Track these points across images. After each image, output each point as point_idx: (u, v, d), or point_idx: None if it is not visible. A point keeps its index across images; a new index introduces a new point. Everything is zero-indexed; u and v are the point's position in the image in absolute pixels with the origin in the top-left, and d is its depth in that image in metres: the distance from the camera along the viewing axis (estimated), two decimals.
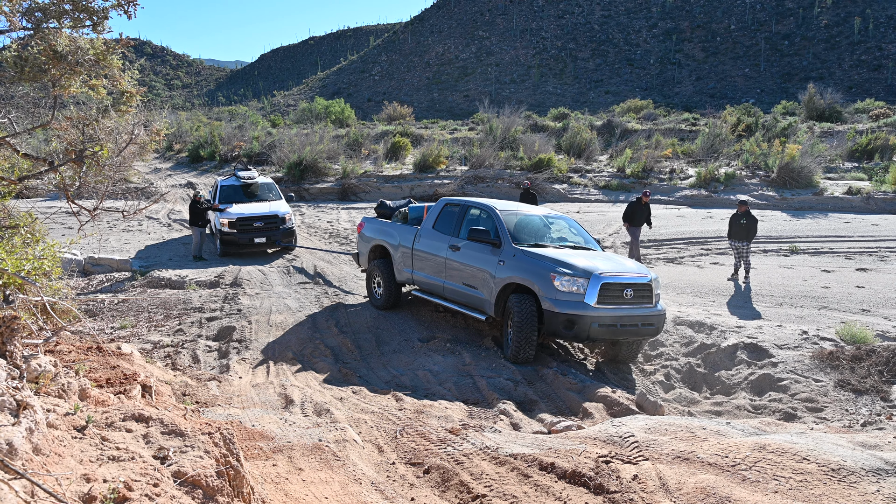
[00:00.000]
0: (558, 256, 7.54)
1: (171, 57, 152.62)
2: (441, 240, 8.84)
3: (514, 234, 8.12)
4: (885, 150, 24.75)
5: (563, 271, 7.20)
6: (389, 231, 9.92)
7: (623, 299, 7.28)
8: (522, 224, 8.43)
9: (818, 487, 3.63)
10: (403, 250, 9.44)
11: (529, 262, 7.55)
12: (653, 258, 13.02)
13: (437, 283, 8.92)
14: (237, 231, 13.99)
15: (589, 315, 7.04)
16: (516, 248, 7.81)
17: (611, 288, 7.19)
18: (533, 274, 7.39)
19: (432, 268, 8.94)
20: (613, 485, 3.95)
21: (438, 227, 9.02)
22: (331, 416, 5.82)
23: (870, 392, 6.46)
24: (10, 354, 3.30)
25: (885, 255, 12.29)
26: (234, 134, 32.36)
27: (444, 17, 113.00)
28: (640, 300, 7.41)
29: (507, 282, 7.67)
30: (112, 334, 8.79)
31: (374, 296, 10.11)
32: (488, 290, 7.96)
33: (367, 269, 10.36)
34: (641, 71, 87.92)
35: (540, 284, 7.26)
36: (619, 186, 22.94)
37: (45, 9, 4.13)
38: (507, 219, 8.32)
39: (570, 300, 7.11)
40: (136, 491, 2.64)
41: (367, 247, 10.25)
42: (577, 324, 7.05)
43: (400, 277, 9.60)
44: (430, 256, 8.97)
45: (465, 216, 8.74)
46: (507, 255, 7.78)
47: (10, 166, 5.02)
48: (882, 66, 72.78)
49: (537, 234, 8.42)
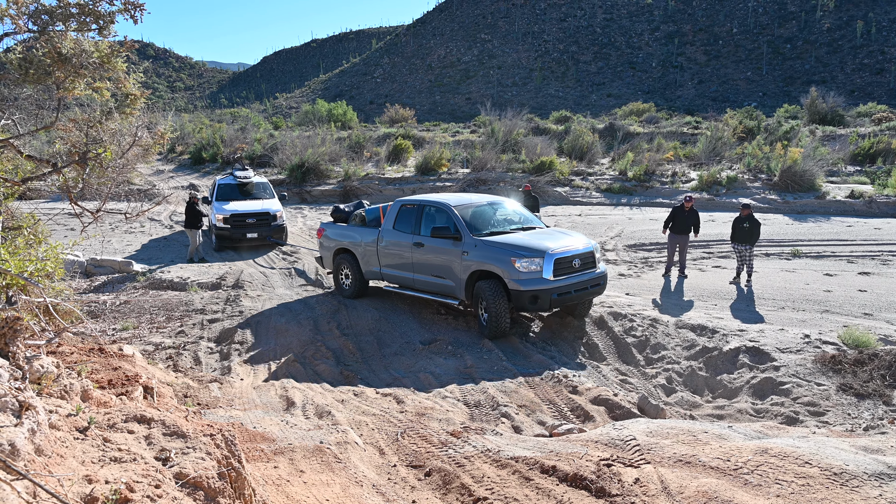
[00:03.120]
0: (514, 241, 8.57)
1: (174, 59, 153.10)
2: (403, 238, 9.68)
3: (470, 225, 8.99)
4: (888, 153, 24.70)
5: (522, 254, 8.22)
6: (350, 234, 10.72)
7: (573, 269, 8.48)
8: (476, 215, 9.29)
9: (820, 492, 3.62)
10: (368, 250, 10.30)
11: (491, 250, 8.52)
12: (654, 261, 13.01)
13: (406, 276, 9.78)
14: (231, 226, 14.79)
15: (548, 288, 8.17)
16: (476, 238, 8.75)
17: (562, 262, 8.35)
18: (497, 260, 8.38)
19: (400, 264, 9.80)
20: (615, 488, 3.94)
21: (398, 227, 9.85)
22: (332, 418, 5.82)
23: (872, 396, 6.44)
24: (12, 355, 3.31)
25: (888, 259, 12.26)
26: (236, 136, 32.42)
27: (446, 19, 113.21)
28: (586, 267, 8.67)
29: (474, 269, 8.63)
30: (114, 336, 8.80)
31: (343, 287, 10.93)
32: (457, 279, 8.91)
33: (331, 269, 11.18)
34: (643, 74, 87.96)
35: (505, 269, 8.27)
36: (620, 189, 22.92)
37: (51, 11, 4.15)
38: (462, 213, 9.15)
39: (531, 278, 8.17)
40: (138, 492, 2.64)
41: (330, 249, 11.07)
42: (540, 297, 8.15)
43: (368, 274, 10.49)
44: (395, 254, 9.83)
45: (422, 215, 9.54)
46: (469, 246, 8.73)
47: (14, 168, 5.04)
48: (885, 69, 72.72)
49: (489, 221, 9.34)
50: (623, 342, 8.64)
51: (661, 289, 10.83)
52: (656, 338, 8.53)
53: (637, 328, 8.84)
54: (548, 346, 8.66)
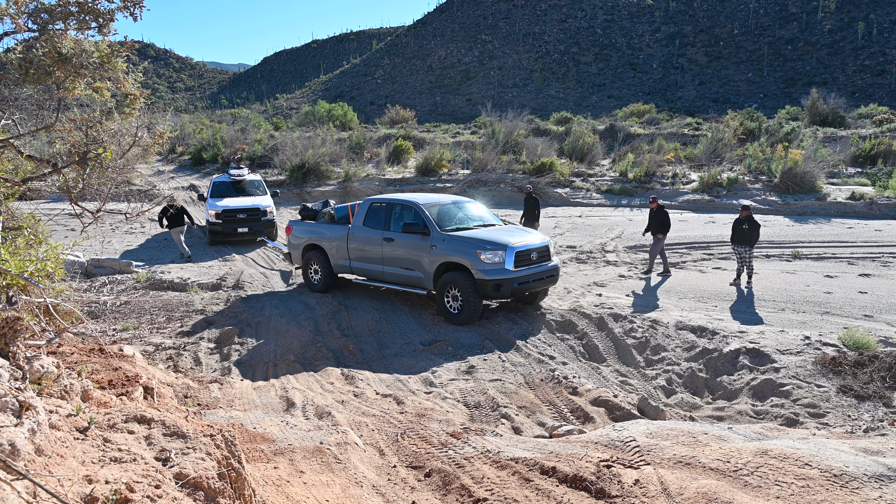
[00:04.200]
0: (479, 236, 9.48)
1: (174, 59, 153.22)
2: (374, 234, 10.36)
3: (437, 222, 9.79)
4: (889, 155, 24.68)
5: (487, 247, 9.10)
6: (320, 231, 11.25)
7: (531, 261, 9.46)
8: (442, 213, 10.12)
9: (820, 493, 3.61)
10: (338, 246, 10.87)
11: (459, 244, 9.37)
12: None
13: (376, 269, 10.47)
14: (223, 221, 15.53)
15: (510, 277, 9.10)
16: (443, 233, 9.59)
17: (522, 254, 9.30)
18: (464, 253, 9.24)
19: (370, 258, 10.47)
20: (615, 489, 3.94)
21: (368, 224, 10.49)
22: (332, 418, 5.81)
23: (872, 398, 6.44)
24: (12, 355, 3.31)
25: (888, 261, 12.25)
26: (236, 137, 32.42)
27: (446, 20, 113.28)
28: (542, 259, 9.68)
29: (442, 261, 9.46)
30: (114, 336, 8.80)
31: (312, 282, 11.41)
32: (425, 271, 9.71)
33: (300, 264, 11.67)
34: (644, 75, 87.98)
35: (471, 260, 9.14)
36: (621, 191, 22.92)
37: (51, 10, 4.15)
38: (430, 211, 9.96)
39: (495, 269, 9.07)
40: (138, 492, 2.64)
41: (298, 246, 11.55)
42: (503, 286, 9.08)
43: (338, 269, 11.04)
44: (366, 248, 10.49)
45: (391, 212, 10.28)
46: (437, 241, 9.55)
47: (14, 168, 5.04)
48: (886, 71, 72.72)
49: (454, 218, 10.18)
50: (623, 343, 8.64)
51: (661, 291, 10.83)
52: (656, 339, 8.53)
53: (637, 329, 8.84)
54: (547, 348, 8.65)
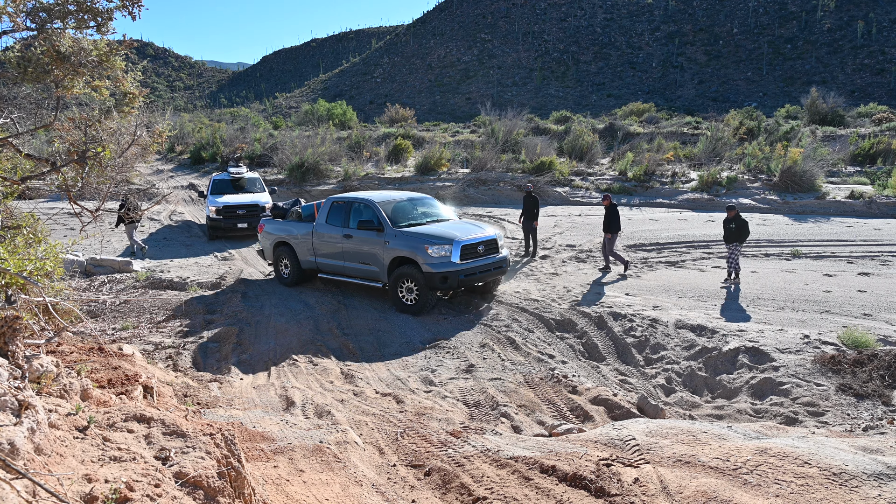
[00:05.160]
0: (428, 231, 10.00)
1: (173, 58, 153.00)
2: (335, 231, 10.94)
3: (391, 218, 10.36)
4: (888, 154, 24.68)
5: (434, 242, 9.66)
6: (288, 228, 11.82)
7: (478, 253, 9.97)
8: (397, 210, 10.65)
9: (819, 492, 3.62)
10: (304, 242, 11.43)
11: (409, 239, 9.91)
12: (654, 261, 13.01)
13: (338, 264, 11.03)
14: (223, 217, 16.19)
15: (456, 270, 9.61)
16: (396, 229, 10.13)
17: (468, 248, 9.81)
18: (413, 248, 9.77)
19: (332, 254, 11.06)
20: (614, 488, 3.94)
21: (330, 221, 11.06)
22: (332, 417, 5.81)
23: (871, 396, 6.44)
24: (12, 354, 3.31)
25: (888, 260, 12.26)
26: (235, 136, 32.40)
27: (446, 19, 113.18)
28: (490, 252, 10.17)
29: (395, 256, 10.02)
30: (114, 335, 8.79)
31: (283, 276, 11.97)
32: (380, 265, 10.29)
33: (272, 260, 12.25)
34: (644, 74, 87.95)
35: (420, 254, 9.68)
36: (620, 190, 22.92)
37: (49, 9, 4.14)
38: (385, 208, 10.50)
39: (442, 262, 9.60)
40: (138, 491, 2.64)
41: (270, 243, 12.14)
42: (449, 278, 9.60)
43: (304, 264, 11.58)
44: (328, 244, 11.08)
45: (350, 210, 10.83)
46: (390, 237, 10.11)
47: (13, 167, 5.03)
48: (885, 70, 72.72)
49: (409, 215, 10.73)
50: (622, 342, 8.64)
51: (661, 290, 10.83)
52: (656, 338, 8.53)
53: (637, 328, 8.84)
54: (547, 347, 8.65)
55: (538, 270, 12.47)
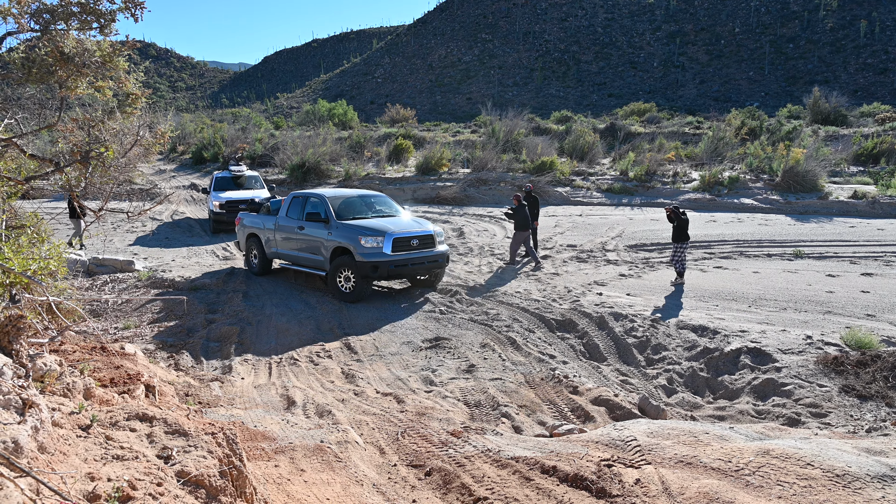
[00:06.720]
0: (365, 224, 10.72)
1: (175, 59, 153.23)
2: (292, 223, 11.74)
3: (337, 212, 11.09)
4: (891, 154, 24.63)
5: (367, 234, 10.36)
6: (258, 221, 12.73)
7: (411, 247, 10.56)
8: (344, 204, 11.40)
9: (822, 493, 3.61)
10: (269, 234, 12.30)
11: (347, 231, 10.63)
12: (655, 261, 13.01)
13: (293, 254, 11.80)
14: (226, 211, 17.25)
15: (386, 260, 10.23)
16: (339, 222, 10.88)
17: (401, 241, 10.44)
18: (349, 239, 10.46)
19: (289, 244, 11.87)
20: (615, 489, 3.94)
21: (290, 214, 11.88)
22: (333, 417, 5.82)
23: (875, 398, 6.43)
24: (15, 353, 3.32)
25: (891, 260, 12.24)
26: (237, 136, 32.44)
27: (446, 19, 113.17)
28: (424, 246, 10.75)
29: (335, 246, 10.72)
30: (116, 334, 8.81)
31: (252, 266, 12.85)
32: (324, 255, 10.99)
33: (245, 250, 13.12)
34: (645, 74, 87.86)
35: (354, 245, 10.36)
36: (621, 190, 22.90)
37: (53, 10, 4.15)
38: (333, 202, 11.30)
39: (374, 252, 10.24)
40: (140, 490, 2.65)
41: (244, 235, 13.06)
42: (379, 267, 10.20)
43: (269, 254, 12.46)
44: (286, 236, 11.87)
45: (306, 203, 11.61)
46: (333, 229, 10.84)
47: (17, 167, 5.04)
48: (888, 69, 72.57)
49: (357, 210, 11.42)
50: (624, 342, 8.63)
51: (661, 290, 10.83)
52: (657, 338, 8.52)
53: (638, 328, 8.83)
54: (548, 347, 8.65)
55: (539, 270, 12.48)
